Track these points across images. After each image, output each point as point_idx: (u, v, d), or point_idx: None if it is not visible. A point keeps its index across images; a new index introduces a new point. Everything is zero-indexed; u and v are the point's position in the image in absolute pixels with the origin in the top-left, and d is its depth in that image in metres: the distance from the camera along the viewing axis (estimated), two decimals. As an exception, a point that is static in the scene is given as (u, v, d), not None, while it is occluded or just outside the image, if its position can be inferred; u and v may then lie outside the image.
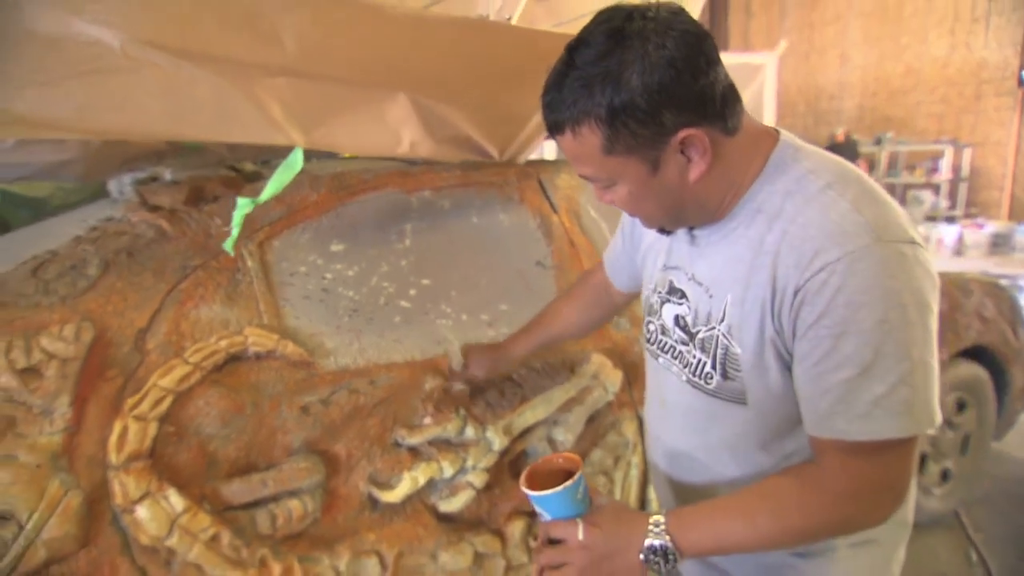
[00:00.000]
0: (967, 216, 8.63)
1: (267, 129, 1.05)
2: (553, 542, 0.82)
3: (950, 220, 8.54)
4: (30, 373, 1.01)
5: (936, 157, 8.79)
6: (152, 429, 1.05)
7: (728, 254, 0.81)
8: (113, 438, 1.02)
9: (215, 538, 1.05)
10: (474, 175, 1.54)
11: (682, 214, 0.83)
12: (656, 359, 0.97)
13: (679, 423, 0.94)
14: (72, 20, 0.98)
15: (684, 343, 0.89)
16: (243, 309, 1.20)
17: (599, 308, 1.24)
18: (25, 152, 1.09)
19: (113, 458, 1.01)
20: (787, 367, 0.78)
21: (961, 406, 2.38)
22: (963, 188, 8.76)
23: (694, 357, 0.87)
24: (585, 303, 1.24)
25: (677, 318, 0.90)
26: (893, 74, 9.34)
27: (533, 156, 1.89)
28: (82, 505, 0.98)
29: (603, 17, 0.72)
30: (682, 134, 0.72)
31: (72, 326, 1.06)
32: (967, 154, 8.64)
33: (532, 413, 1.35)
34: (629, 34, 0.69)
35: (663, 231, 0.91)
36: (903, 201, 9.01)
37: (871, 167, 9.09)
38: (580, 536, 0.80)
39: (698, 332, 0.86)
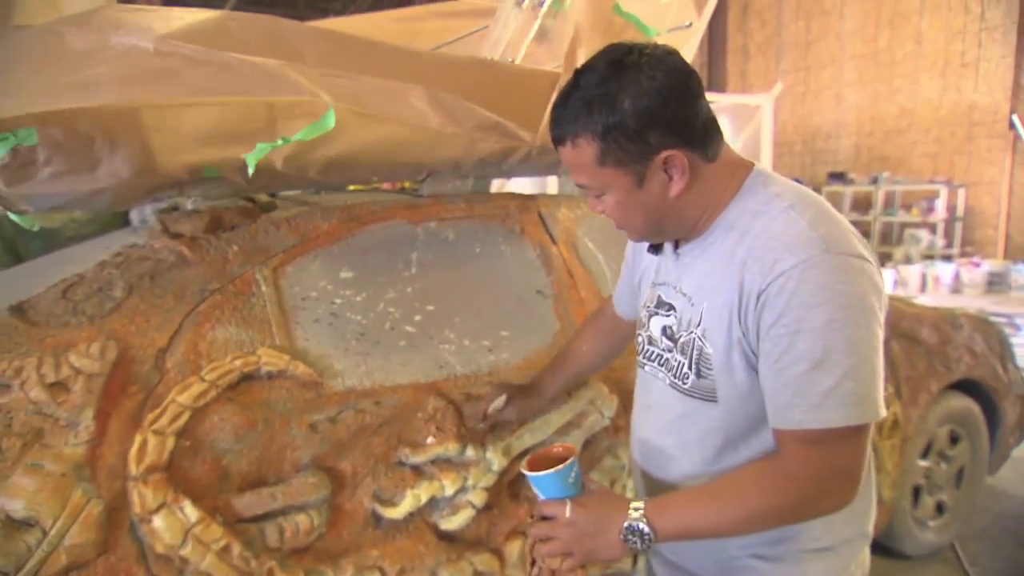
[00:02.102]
0: (963, 255, 8.72)
1: (296, 88, 1.10)
2: (545, 519, 0.92)
3: (947, 259, 8.63)
4: (58, 387, 1.07)
5: (931, 197, 8.93)
6: (170, 443, 1.11)
7: (706, 266, 0.92)
8: (133, 450, 1.08)
9: (226, 549, 1.10)
10: (478, 208, 1.62)
11: (662, 227, 0.94)
12: (644, 368, 1.06)
13: (658, 424, 1.02)
14: (108, 36, 1.07)
15: (670, 350, 0.98)
16: (257, 331, 1.26)
17: (612, 339, 1.32)
18: (60, 183, 1.17)
19: (133, 469, 1.07)
20: (752, 367, 0.87)
21: (954, 439, 2.41)
22: (958, 227, 8.88)
23: (676, 361, 0.96)
24: (599, 336, 1.33)
25: (664, 328, 0.99)
26: (887, 114, 9.56)
27: (534, 190, 1.98)
28: (102, 513, 1.04)
29: (608, 50, 0.86)
30: (665, 154, 0.84)
31: (98, 344, 1.12)
32: (961, 194, 8.79)
33: (531, 436, 1.40)
34: (627, 65, 0.82)
35: (652, 250, 1.03)
36: (900, 239, 9.13)
37: (868, 206, 9.23)
38: (567, 514, 0.89)
39: (680, 337, 0.96)
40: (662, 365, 1.00)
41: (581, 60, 1.14)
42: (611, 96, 0.82)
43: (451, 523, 1.31)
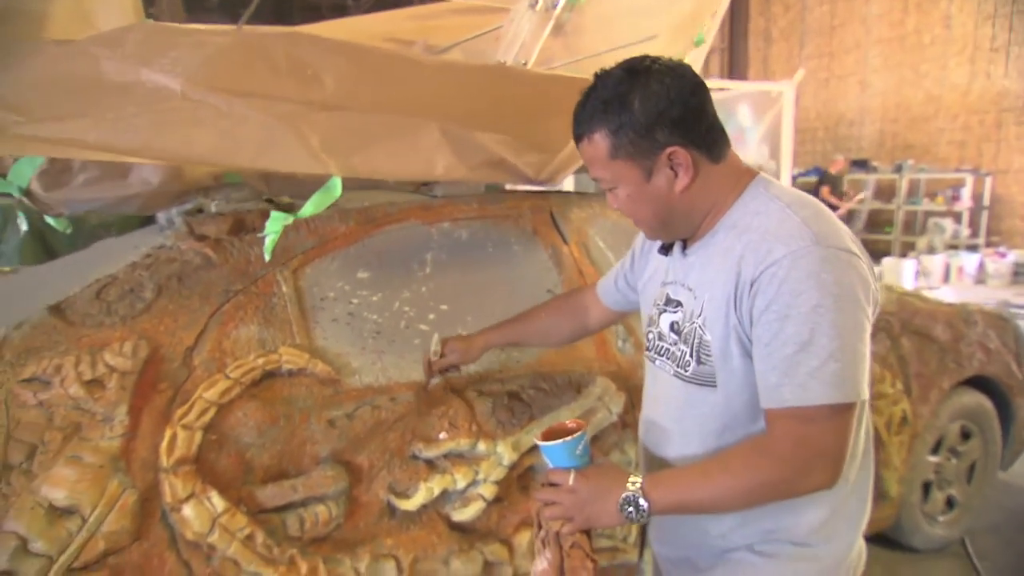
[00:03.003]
0: (989, 245, 8.57)
1: (307, 159, 1.16)
2: (552, 486, 0.99)
3: (971, 248, 8.49)
4: (94, 384, 1.14)
5: (957, 185, 8.77)
6: (198, 437, 1.17)
7: (710, 262, 0.98)
8: (164, 444, 1.15)
9: (250, 537, 1.17)
10: (490, 208, 1.66)
11: (671, 222, 1.00)
12: (653, 362, 1.12)
13: (663, 411, 1.09)
14: (140, 69, 1.12)
15: (675, 343, 1.05)
16: (278, 330, 1.32)
17: (573, 323, 1.38)
18: (95, 189, 1.24)
19: (164, 462, 1.14)
20: (747, 353, 0.93)
21: (966, 435, 2.42)
22: (984, 216, 8.72)
23: (679, 351, 1.03)
24: (561, 314, 1.38)
25: (672, 324, 1.06)
26: (913, 101, 9.38)
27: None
28: (136, 503, 1.11)
29: (626, 60, 0.96)
30: (670, 149, 0.92)
31: (130, 343, 1.19)
32: (988, 182, 8.62)
33: (540, 430, 1.45)
34: (640, 71, 0.93)
35: (663, 251, 1.10)
36: (924, 228, 8.98)
37: (892, 194, 9.09)
38: (570, 482, 0.96)
39: (684, 329, 1.02)
40: (668, 358, 1.06)
41: None
42: (624, 96, 0.91)
43: (463, 515, 1.37)
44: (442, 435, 1.36)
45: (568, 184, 3.86)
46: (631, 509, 0.92)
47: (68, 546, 1.06)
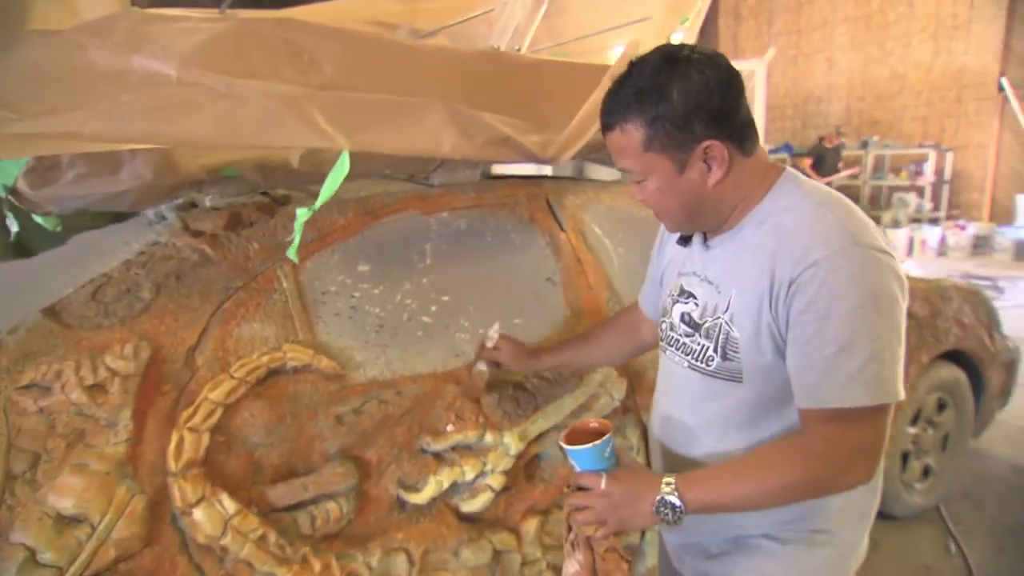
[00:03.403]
0: (949, 218, 8.86)
1: (312, 134, 1.11)
2: (582, 490, 0.98)
3: (933, 222, 8.76)
4: (96, 389, 1.11)
5: (920, 160, 9.01)
6: (205, 439, 1.15)
7: (736, 257, 0.97)
8: (171, 447, 1.13)
9: (263, 538, 1.16)
10: (487, 196, 1.65)
11: (698, 215, 0.99)
12: (665, 352, 1.12)
13: (680, 404, 1.09)
14: (131, 57, 1.08)
15: (688, 335, 1.04)
16: (280, 327, 1.30)
17: (629, 342, 1.37)
18: (85, 185, 1.18)
19: (172, 466, 1.12)
20: (779, 350, 0.92)
21: (942, 406, 2.52)
22: (945, 190, 8.99)
23: (698, 344, 1.02)
24: (618, 334, 1.38)
25: (683, 315, 1.05)
26: (879, 78, 9.56)
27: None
28: (146, 508, 1.09)
29: (662, 47, 0.93)
30: (706, 143, 0.90)
31: (131, 345, 1.16)
32: (949, 157, 8.89)
33: (545, 420, 1.46)
34: (679, 59, 0.90)
35: (681, 241, 1.10)
36: (889, 203, 9.23)
37: (859, 169, 9.28)
38: (602, 486, 0.95)
39: (704, 323, 1.01)
40: (680, 349, 1.06)
41: None
42: (661, 86, 0.88)
43: (471, 506, 1.38)
44: (449, 427, 1.36)
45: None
46: (666, 511, 0.91)
47: (78, 555, 1.03)
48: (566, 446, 0.99)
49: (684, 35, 1.96)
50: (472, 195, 1.62)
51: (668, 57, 0.90)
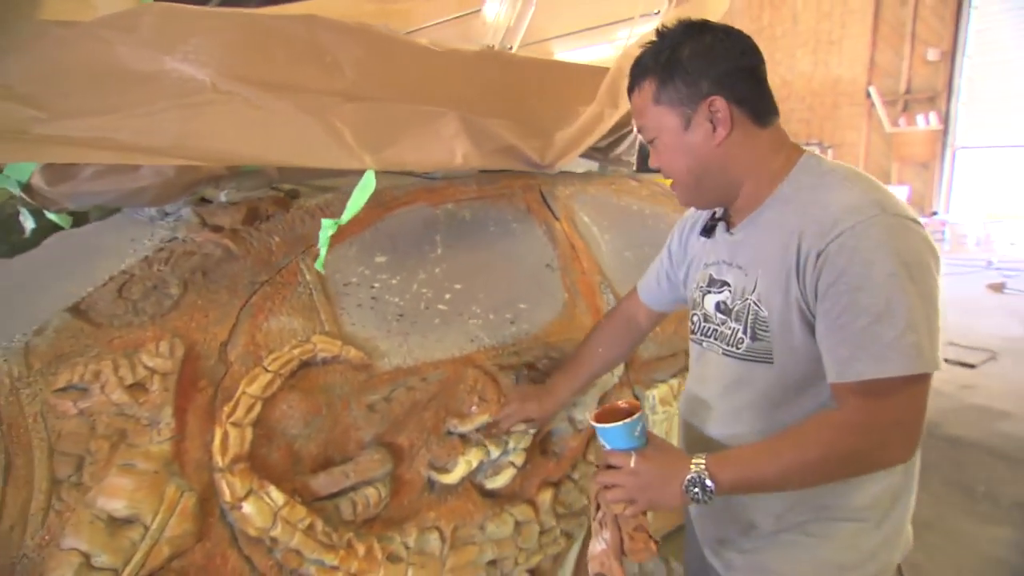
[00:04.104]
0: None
1: (341, 154, 1.15)
2: (611, 468, 0.99)
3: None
4: (136, 388, 1.09)
5: (806, 157, 10.33)
6: (248, 433, 1.16)
7: (762, 238, 0.98)
8: (216, 443, 1.12)
9: (311, 526, 1.18)
10: (487, 188, 1.70)
11: (704, 179, 1.00)
12: (700, 344, 1.12)
13: (713, 390, 1.09)
14: (163, 58, 1.06)
15: (723, 322, 1.05)
16: (307, 319, 1.31)
17: (628, 338, 1.42)
18: (104, 181, 1.13)
19: (219, 461, 1.12)
20: (809, 326, 0.91)
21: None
22: (826, 181, 10.45)
23: (730, 329, 1.02)
24: (614, 338, 1.41)
25: (718, 304, 1.06)
26: (771, 85, 10.63)
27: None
28: (196, 505, 1.09)
29: (688, 20, 0.98)
30: (711, 98, 0.94)
31: (166, 343, 1.14)
32: (830, 153, 10.31)
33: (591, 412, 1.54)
34: (699, 27, 0.96)
35: (704, 233, 1.12)
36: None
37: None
38: (632, 464, 0.96)
39: (735, 307, 1.01)
40: (717, 339, 1.06)
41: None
42: (676, 46, 0.95)
43: (495, 482, 1.45)
44: (473, 409, 1.42)
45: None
46: (696, 490, 0.90)
47: (132, 556, 1.03)
48: (597, 424, 1.00)
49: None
50: (474, 187, 1.67)
51: (689, 25, 0.96)
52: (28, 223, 1.32)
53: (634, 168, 2.17)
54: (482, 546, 1.41)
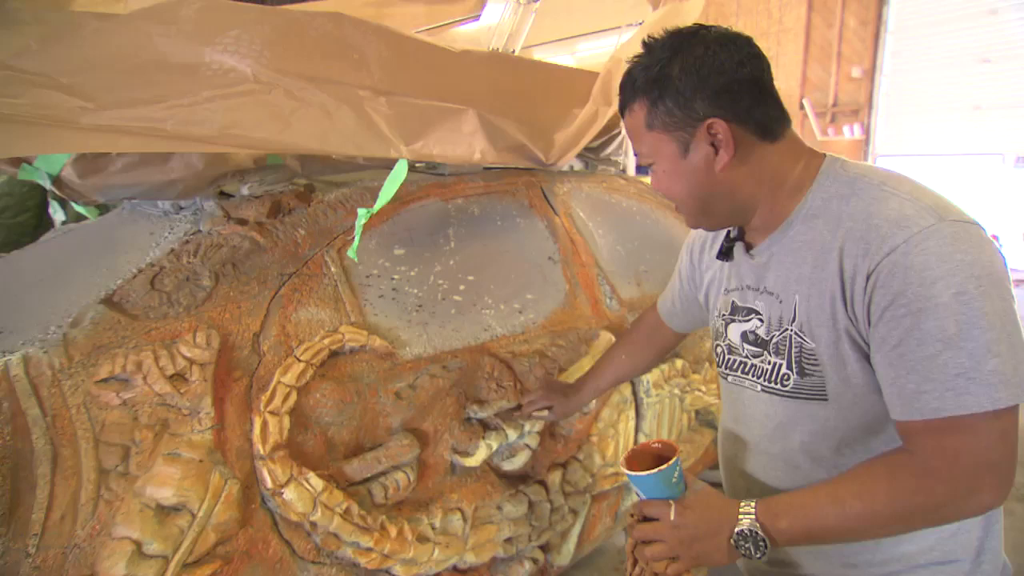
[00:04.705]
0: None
1: (380, 143, 1.18)
2: (648, 520, 0.87)
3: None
4: (177, 379, 1.10)
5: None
6: (286, 422, 1.18)
7: (792, 259, 0.85)
8: (256, 432, 1.15)
9: (348, 510, 1.21)
10: (493, 184, 1.75)
11: (711, 205, 0.88)
12: (727, 379, 0.99)
13: (756, 434, 0.95)
14: (203, 50, 1.07)
15: (756, 355, 0.91)
16: (333, 310, 1.34)
17: (652, 349, 1.40)
18: (134, 174, 1.13)
19: (260, 449, 1.14)
20: (864, 356, 0.78)
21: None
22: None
23: (768, 364, 0.89)
24: (640, 348, 1.41)
25: (744, 334, 0.93)
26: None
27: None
28: (239, 492, 1.11)
29: (677, 29, 0.85)
30: (708, 121, 0.81)
31: (203, 334, 1.15)
32: None
33: (568, 379, 1.62)
34: (687, 35, 0.83)
35: (721, 256, 0.99)
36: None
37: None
38: (672, 517, 0.84)
39: (772, 338, 0.88)
40: (747, 372, 0.93)
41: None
42: (664, 62, 0.82)
43: (512, 464, 1.51)
44: (493, 395, 1.47)
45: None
46: (748, 545, 0.78)
47: (181, 543, 1.04)
48: (629, 472, 0.87)
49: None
50: (480, 183, 1.72)
51: (676, 34, 0.83)
52: (58, 215, 1.30)
53: (622, 168, 2.25)
54: (500, 525, 1.47)
